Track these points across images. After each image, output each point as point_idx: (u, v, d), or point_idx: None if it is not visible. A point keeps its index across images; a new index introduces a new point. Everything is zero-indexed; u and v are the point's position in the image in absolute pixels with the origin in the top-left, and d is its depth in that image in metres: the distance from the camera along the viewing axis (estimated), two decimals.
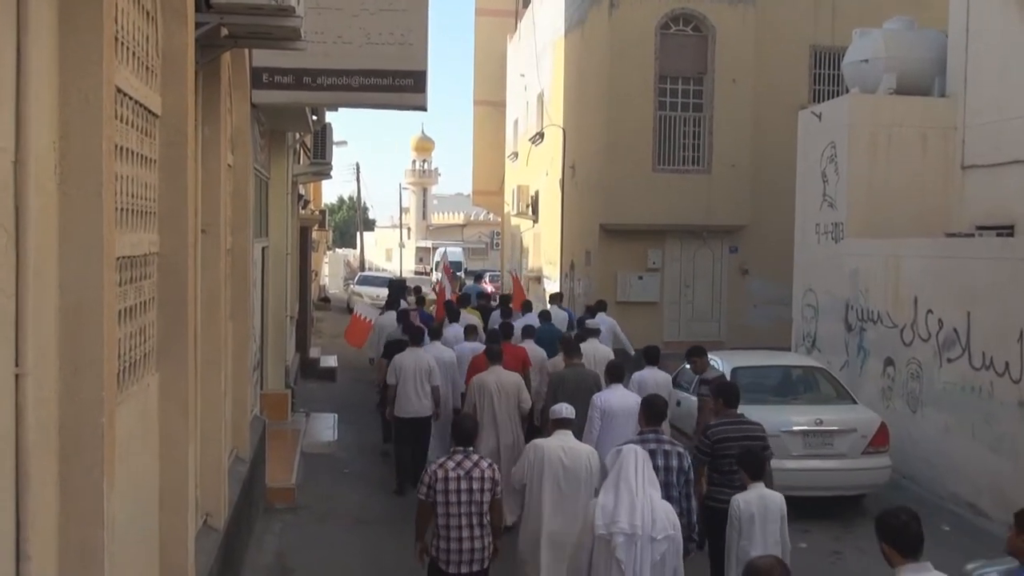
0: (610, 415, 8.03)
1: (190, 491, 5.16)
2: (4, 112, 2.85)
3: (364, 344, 14.69)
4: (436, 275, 38.43)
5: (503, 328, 11.37)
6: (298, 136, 13.88)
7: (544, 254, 25.34)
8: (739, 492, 6.19)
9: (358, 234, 60.47)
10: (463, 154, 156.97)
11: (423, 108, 9.45)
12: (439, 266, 39.06)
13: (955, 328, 10.32)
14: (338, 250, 60.62)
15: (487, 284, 28.43)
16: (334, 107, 13.93)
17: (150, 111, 4.55)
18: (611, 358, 10.17)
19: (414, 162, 75.17)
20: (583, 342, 10.61)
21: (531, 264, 27.57)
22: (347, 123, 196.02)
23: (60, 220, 3.21)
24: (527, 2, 29.24)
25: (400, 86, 9.20)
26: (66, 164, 3.23)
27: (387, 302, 15.11)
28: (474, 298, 17.13)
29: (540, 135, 25.35)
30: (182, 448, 5.00)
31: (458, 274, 31.89)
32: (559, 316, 14.43)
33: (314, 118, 13.03)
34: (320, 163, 16.14)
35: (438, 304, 15.81)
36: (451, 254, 42.01)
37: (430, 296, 22.51)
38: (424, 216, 74.45)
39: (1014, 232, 11.66)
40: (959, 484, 10.13)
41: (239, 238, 7.52)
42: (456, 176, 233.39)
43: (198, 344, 5.59)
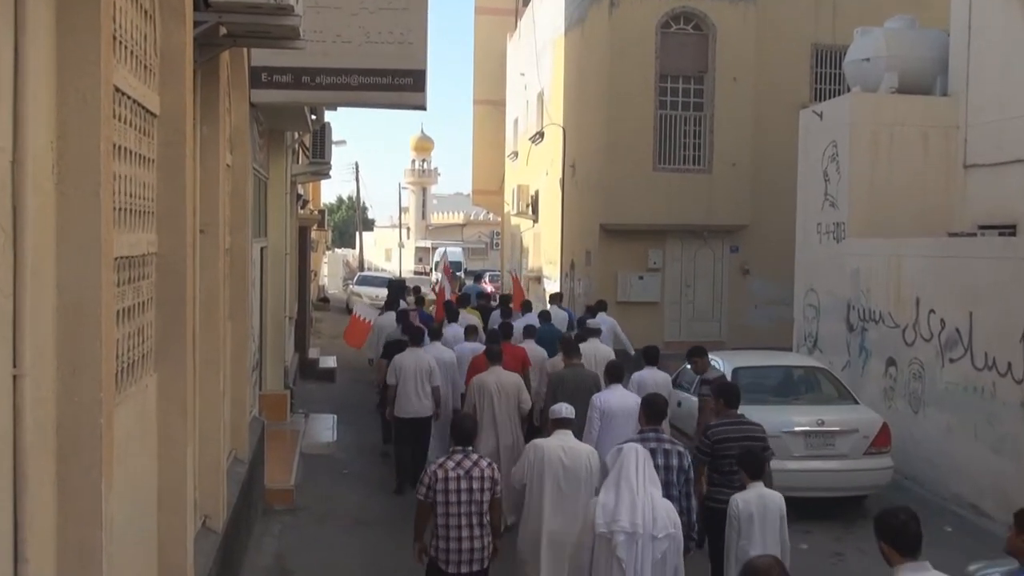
0: (609, 415, 8.02)
1: (189, 492, 5.14)
2: (2, 112, 2.83)
3: (363, 345, 14.67)
4: (436, 275, 38.40)
5: (503, 328, 11.35)
6: (297, 135, 13.86)
7: (544, 254, 25.32)
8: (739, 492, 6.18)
9: (357, 234, 60.48)
10: (463, 153, 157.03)
11: (423, 107, 9.42)
12: (439, 266, 39.04)
13: (957, 328, 10.30)
14: (337, 250, 60.60)
15: (487, 284, 28.40)
16: (333, 106, 13.90)
17: (148, 110, 4.53)
18: (612, 358, 10.15)
19: (413, 161, 75.17)
20: (584, 342, 10.59)
21: (531, 264, 27.55)
22: (346, 122, 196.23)
23: (58, 220, 3.19)
24: (527, 1, 29.22)
25: (399, 85, 9.17)
26: (64, 164, 3.21)
27: (386, 302, 15.08)
28: (474, 298, 17.11)
29: (540, 134, 25.33)
30: (181, 449, 4.98)
31: (458, 274, 31.88)
32: (559, 316, 14.41)
33: (313, 117, 13.01)
34: (319, 163, 16.11)
35: (438, 304, 15.79)
36: (451, 254, 41.97)
37: (429, 296, 22.48)
38: (424, 216, 74.45)
39: (1016, 231, 11.64)
40: (961, 485, 10.10)
41: (238, 238, 7.49)
42: (456, 176, 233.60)
43: (196, 344, 5.57)
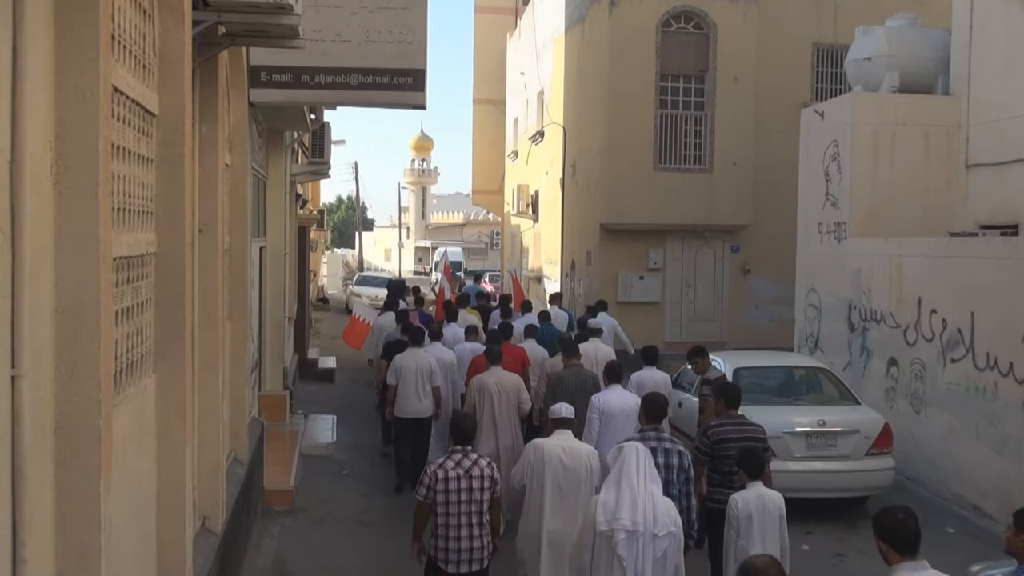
0: (608, 416, 8.01)
1: (187, 493, 5.13)
2: (0, 111, 2.82)
3: (363, 346, 14.65)
4: (435, 275, 38.35)
5: (503, 328, 11.32)
6: (296, 135, 13.83)
7: (544, 254, 25.30)
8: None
9: (357, 234, 60.41)
10: (463, 153, 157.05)
11: (422, 107, 9.40)
12: (439, 266, 38.98)
13: (959, 328, 10.28)
14: (337, 250, 60.63)
15: (486, 284, 28.37)
16: (332, 106, 13.88)
17: (147, 110, 4.52)
18: (613, 358, 10.12)
19: (413, 161, 75.13)
20: (585, 342, 10.57)
21: (531, 264, 27.52)
22: (345, 122, 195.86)
23: (56, 220, 3.19)
24: (527, 0, 29.21)
25: (399, 84, 9.14)
26: (62, 163, 3.20)
27: (385, 303, 15.06)
28: (473, 298, 17.08)
29: (540, 134, 25.30)
30: (179, 450, 4.97)
31: (457, 274, 31.84)
32: (559, 316, 14.39)
33: (312, 117, 12.98)
34: (318, 162, 16.08)
35: (438, 305, 15.77)
36: (451, 254, 41.92)
37: (429, 296, 22.44)
38: (423, 216, 74.42)
39: (1018, 231, 11.61)
40: (963, 486, 10.09)
41: (237, 238, 7.48)
42: (456, 175, 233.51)
43: (195, 345, 5.55)
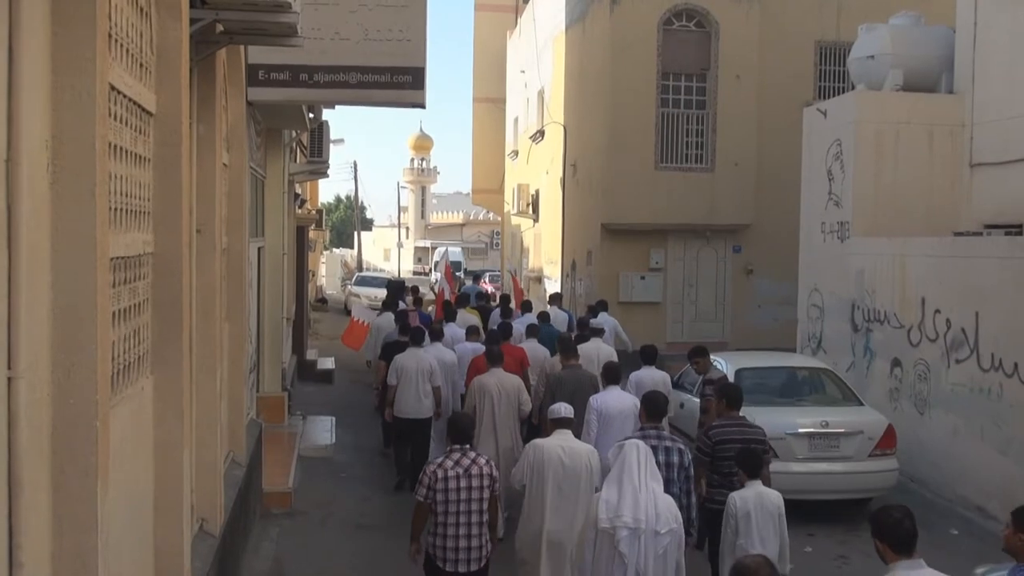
0: (607, 417, 8.01)
1: (185, 495, 5.11)
2: None
3: (361, 347, 14.60)
4: (435, 275, 38.32)
5: (502, 328, 11.27)
6: (294, 134, 13.79)
7: (545, 254, 25.25)
8: None
9: (356, 234, 60.42)
10: (462, 152, 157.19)
11: (422, 105, 9.37)
12: (438, 266, 38.95)
13: (963, 328, 10.23)
14: (335, 250, 60.67)
15: (486, 284, 28.32)
16: (331, 105, 13.84)
17: (144, 109, 4.50)
18: (614, 358, 10.09)
19: (412, 160, 75.08)
20: (586, 342, 10.53)
21: (532, 264, 27.47)
22: (344, 121, 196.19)
23: (53, 220, 3.17)
24: None
25: (398, 83, 9.11)
26: (59, 163, 3.18)
27: (384, 303, 15.02)
28: (473, 298, 17.05)
29: (541, 133, 25.26)
30: (177, 452, 4.95)
31: (457, 274, 31.79)
32: (559, 317, 14.33)
33: (311, 116, 12.94)
34: (317, 161, 16.03)
35: (437, 305, 15.73)
36: (451, 254, 41.89)
37: (428, 296, 22.39)
38: (423, 215, 74.41)
39: (1023, 231, 11.55)
40: (967, 487, 10.03)
41: (235, 238, 7.46)
42: (455, 175, 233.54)
43: (193, 346, 5.53)
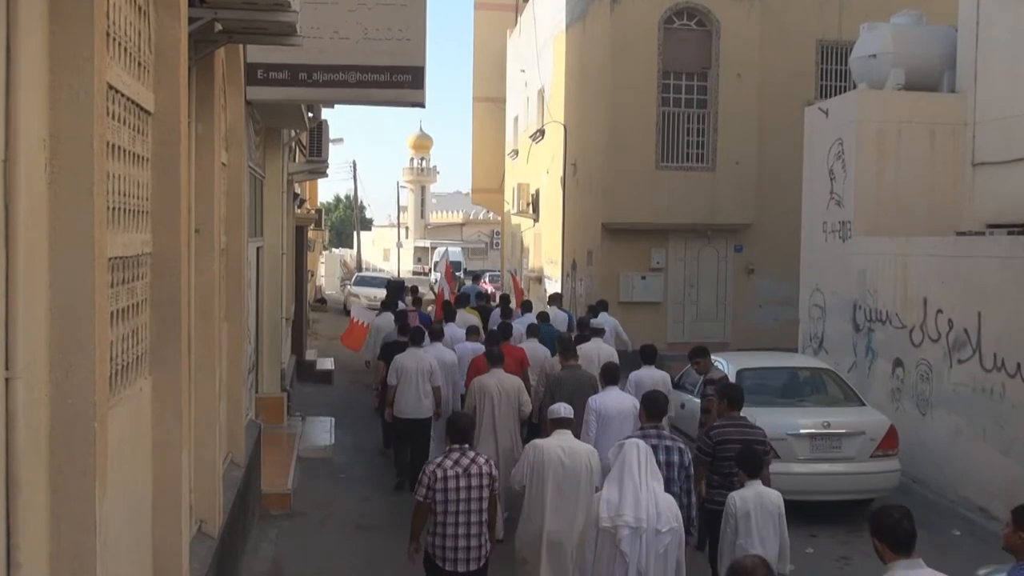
0: (606, 418, 8.00)
1: (184, 496, 5.10)
2: None
3: (361, 347, 14.58)
4: (435, 275, 38.29)
5: (502, 329, 11.23)
6: (293, 133, 13.77)
7: (545, 254, 25.22)
8: None
9: (355, 234, 60.37)
10: (462, 152, 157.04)
11: (421, 105, 9.36)
12: (438, 266, 38.93)
13: (965, 328, 10.20)
14: (335, 250, 60.66)
15: (485, 284, 28.28)
16: (330, 104, 13.81)
17: (142, 108, 4.48)
18: (615, 358, 10.06)
19: (412, 160, 75.04)
20: (586, 342, 10.50)
21: (532, 264, 27.44)
22: (344, 120, 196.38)
23: (51, 220, 3.15)
24: None
25: (398, 82, 9.09)
26: (57, 162, 3.16)
27: (383, 303, 15.00)
28: (473, 298, 17.03)
29: (541, 132, 25.23)
30: (176, 452, 4.93)
31: (457, 274, 31.77)
32: (558, 317, 14.29)
33: (310, 115, 12.91)
34: (316, 161, 16.00)
35: (437, 305, 15.70)
36: (452, 254, 41.86)
37: (427, 296, 22.35)
38: (422, 215, 74.37)
39: None
40: (970, 488, 10.00)
41: (233, 238, 7.44)
42: (455, 174, 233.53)
43: (192, 346, 5.53)
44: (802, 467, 9.28)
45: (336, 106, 15.07)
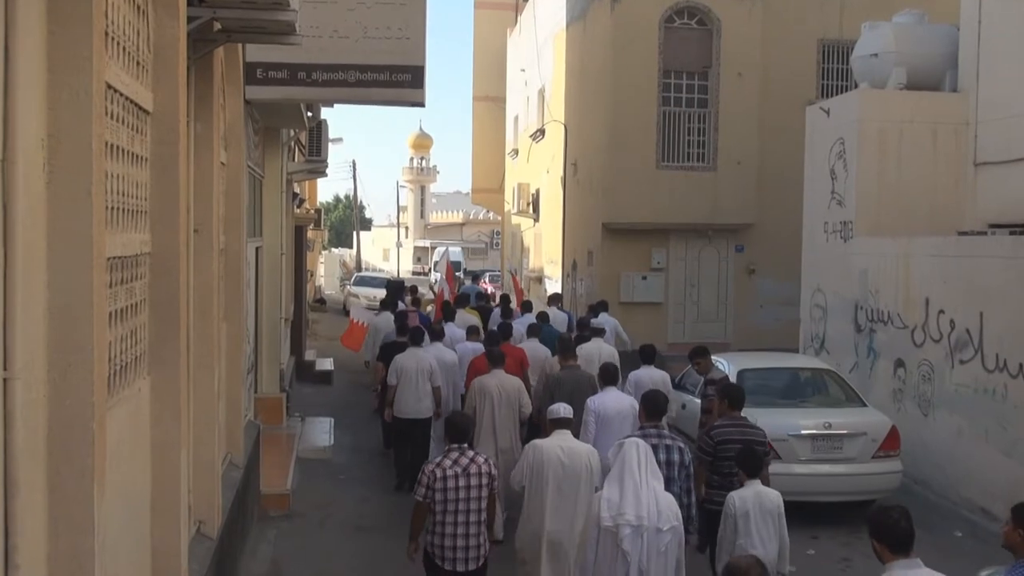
0: (605, 418, 8.00)
1: (183, 497, 5.10)
2: None
3: (361, 348, 14.55)
4: (435, 275, 38.26)
5: (502, 329, 11.22)
6: (293, 133, 13.76)
7: (545, 254, 25.20)
8: None
9: (354, 233, 60.33)
10: (462, 151, 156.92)
11: (421, 104, 9.35)
12: (438, 266, 38.89)
13: (967, 329, 10.18)
14: (334, 250, 60.64)
15: (485, 284, 28.26)
16: (330, 103, 13.79)
17: (141, 108, 4.48)
18: (615, 358, 10.04)
19: (412, 159, 75.05)
20: (587, 342, 10.47)
21: (532, 264, 27.42)
22: (343, 119, 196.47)
23: (49, 220, 3.15)
24: None
25: (397, 81, 9.08)
26: (55, 162, 3.16)
27: (383, 303, 14.97)
28: (473, 298, 17.01)
29: (541, 131, 25.21)
30: (174, 453, 4.93)
31: (456, 274, 31.76)
32: (558, 318, 14.27)
33: (309, 114, 12.89)
34: (315, 161, 15.98)
35: (436, 305, 15.68)
36: (452, 254, 41.84)
37: (427, 296, 22.33)
38: (422, 215, 74.37)
39: None
40: (972, 489, 9.98)
41: (232, 238, 7.42)
42: (455, 174, 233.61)
43: (190, 347, 5.52)
44: (803, 468, 9.26)
45: (336, 105, 15.05)
